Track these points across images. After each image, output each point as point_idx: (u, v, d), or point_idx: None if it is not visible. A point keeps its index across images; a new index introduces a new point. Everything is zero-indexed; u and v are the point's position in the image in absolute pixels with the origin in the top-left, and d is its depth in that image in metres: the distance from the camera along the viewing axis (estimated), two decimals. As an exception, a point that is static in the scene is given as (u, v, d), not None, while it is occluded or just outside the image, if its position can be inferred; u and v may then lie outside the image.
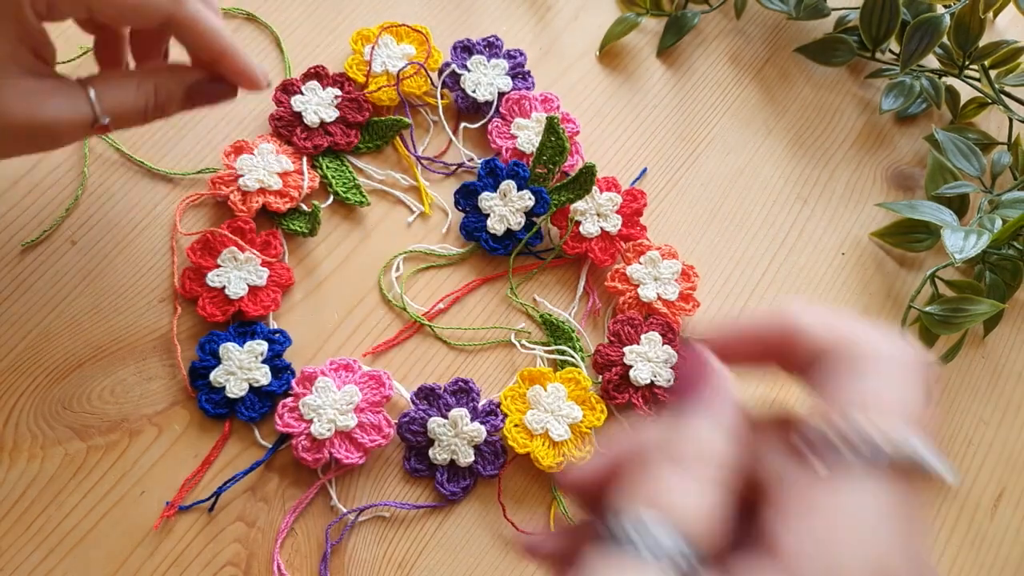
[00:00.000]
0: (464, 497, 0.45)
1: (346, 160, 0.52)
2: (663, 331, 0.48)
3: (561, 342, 0.49)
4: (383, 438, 0.44)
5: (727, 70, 0.59)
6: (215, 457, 0.44)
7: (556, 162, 0.50)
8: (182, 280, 0.46)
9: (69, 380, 0.44)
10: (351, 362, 0.46)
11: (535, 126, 0.53)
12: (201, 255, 0.47)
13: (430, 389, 0.46)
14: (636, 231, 0.51)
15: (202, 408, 0.44)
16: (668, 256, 0.50)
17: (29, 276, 0.46)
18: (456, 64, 0.54)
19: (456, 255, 0.51)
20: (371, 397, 0.44)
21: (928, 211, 0.52)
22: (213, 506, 0.43)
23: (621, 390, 0.47)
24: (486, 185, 0.50)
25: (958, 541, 0.48)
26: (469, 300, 0.50)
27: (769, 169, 0.57)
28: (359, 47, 0.54)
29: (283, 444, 0.44)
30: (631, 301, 0.50)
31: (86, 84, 0.37)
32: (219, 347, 0.45)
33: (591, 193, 0.51)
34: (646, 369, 0.47)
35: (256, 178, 0.48)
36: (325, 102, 0.52)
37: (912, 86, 0.57)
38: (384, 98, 0.53)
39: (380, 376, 0.45)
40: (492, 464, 0.45)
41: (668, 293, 0.49)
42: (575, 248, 0.50)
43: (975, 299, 0.48)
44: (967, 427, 0.51)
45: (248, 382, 0.44)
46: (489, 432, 0.45)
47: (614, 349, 0.48)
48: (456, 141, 0.53)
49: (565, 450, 0.45)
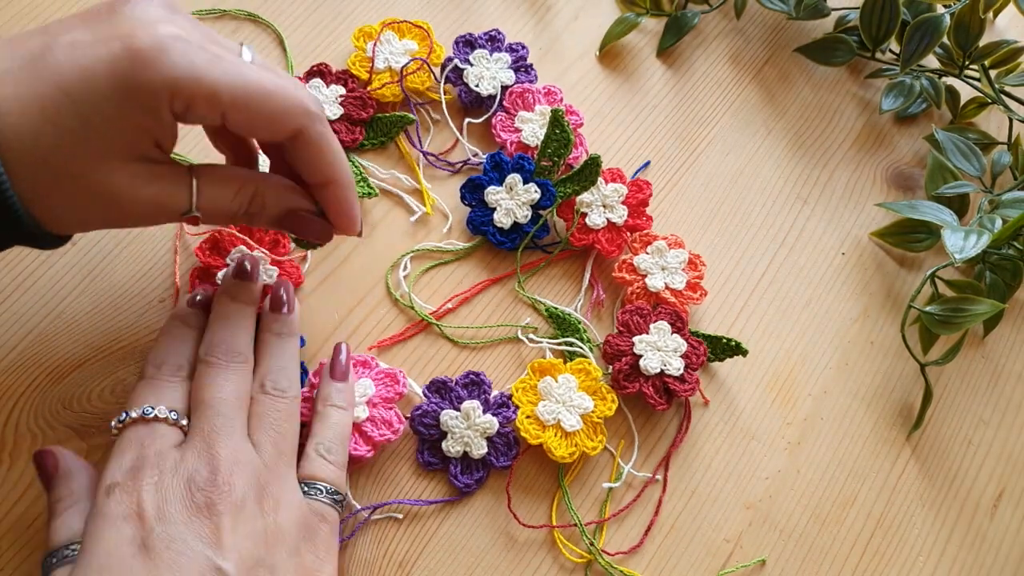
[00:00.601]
0: (478, 489, 0.45)
1: (351, 158, 0.52)
2: (672, 320, 0.48)
3: (568, 334, 0.49)
4: (393, 433, 0.44)
5: (727, 70, 0.59)
6: None
7: (561, 154, 0.50)
8: (191, 280, 0.46)
9: (69, 380, 0.44)
10: (368, 359, 0.46)
11: (539, 119, 0.53)
12: (210, 255, 0.47)
13: (442, 382, 0.46)
14: (642, 221, 0.51)
15: None
16: (675, 245, 0.51)
17: (29, 276, 0.46)
18: (459, 59, 0.54)
19: (463, 250, 0.51)
20: (384, 393, 0.45)
21: (928, 211, 0.52)
22: None
23: (631, 380, 0.47)
24: (492, 179, 0.50)
25: (958, 541, 0.48)
26: (475, 298, 0.50)
27: (769, 169, 0.57)
28: (361, 44, 0.54)
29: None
30: (639, 291, 0.50)
31: (192, 174, 0.36)
32: None
33: (596, 185, 0.51)
34: (656, 358, 0.47)
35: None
36: (329, 99, 0.52)
37: (912, 86, 0.57)
38: (388, 94, 0.53)
39: (395, 374, 0.45)
40: (505, 455, 0.45)
41: (676, 282, 0.50)
42: (582, 240, 0.50)
43: (975, 299, 0.48)
44: (967, 427, 0.51)
45: None
46: (501, 424, 0.45)
47: (623, 339, 0.48)
48: (461, 137, 0.53)
49: (577, 440, 0.45)
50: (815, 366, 0.51)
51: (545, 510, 0.45)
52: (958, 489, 0.49)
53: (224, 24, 0.54)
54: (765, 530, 0.47)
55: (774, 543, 0.47)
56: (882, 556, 0.47)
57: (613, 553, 0.45)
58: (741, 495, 0.47)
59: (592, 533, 0.45)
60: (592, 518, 0.45)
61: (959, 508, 0.49)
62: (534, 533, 0.44)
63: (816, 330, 0.52)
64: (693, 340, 0.48)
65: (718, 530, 0.46)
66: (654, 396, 0.46)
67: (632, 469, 0.47)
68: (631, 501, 0.46)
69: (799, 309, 0.53)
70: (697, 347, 0.48)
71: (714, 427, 0.49)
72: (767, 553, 0.46)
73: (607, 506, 0.46)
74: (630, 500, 0.46)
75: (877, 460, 0.49)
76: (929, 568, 0.47)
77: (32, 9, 0.53)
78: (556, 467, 0.46)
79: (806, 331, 0.52)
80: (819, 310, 0.53)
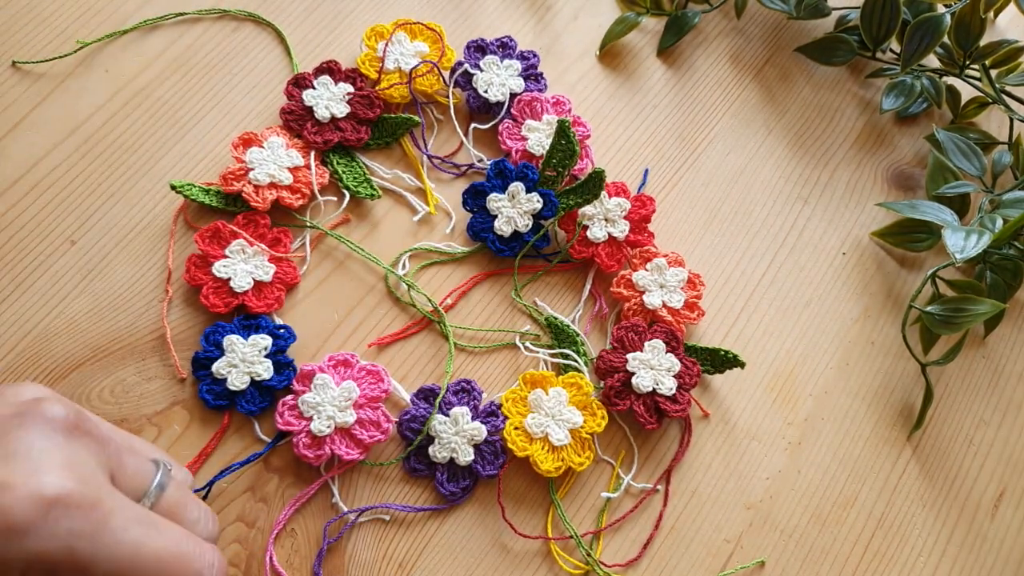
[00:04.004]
0: (464, 498, 0.45)
1: (356, 157, 0.52)
2: (667, 339, 0.48)
3: (565, 346, 0.49)
4: (382, 434, 0.44)
5: (727, 70, 0.59)
6: (213, 448, 0.44)
7: (566, 165, 0.50)
8: (187, 266, 0.46)
9: (69, 380, 0.44)
10: (349, 357, 0.46)
11: (546, 128, 0.53)
12: (209, 243, 0.47)
13: (430, 389, 0.46)
14: (644, 237, 0.51)
15: (203, 399, 0.44)
16: (675, 264, 0.50)
17: (29, 276, 0.46)
18: (469, 64, 0.54)
19: (462, 254, 0.51)
20: (369, 392, 0.45)
21: (929, 211, 0.52)
22: (207, 495, 0.43)
23: (623, 396, 0.46)
24: (495, 186, 0.50)
25: (958, 541, 0.48)
26: (474, 299, 0.50)
27: (769, 169, 0.56)
28: (372, 44, 0.54)
29: (282, 440, 0.44)
30: (636, 308, 0.49)
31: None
32: (223, 339, 0.45)
33: (600, 198, 0.50)
34: (648, 377, 0.47)
35: (267, 172, 0.48)
36: (337, 97, 0.51)
37: (913, 86, 0.57)
38: (396, 95, 0.53)
39: (378, 371, 0.45)
40: (492, 464, 0.45)
41: (673, 301, 0.49)
42: (582, 252, 0.50)
43: (976, 299, 0.48)
44: (967, 427, 0.51)
45: (250, 375, 0.44)
46: (489, 432, 0.45)
47: (617, 355, 0.47)
48: (466, 142, 0.53)
49: (564, 455, 0.45)
50: (816, 366, 0.51)
51: (542, 516, 0.45)
52: (959, 489, 0.49)
53: (224, 24, 0.54)
54: (766, 530, 0.47)
55: (775, 543, 0.46)
56: (883, 556, 0.47)
57: (611, 564, 0.44)
58: (742, 495, 0.47)
59: (589, 543, 0.45)
60: (590, 525, 0.45)
61: (960, 508, 0.49)
62: (531, 540, 0.44)
63: (817, 330, 0.52)
64: (687, 360, 0.48)
65: (719, 530, 0.46)
66: (644, 415, 0.46)
67: (631, 480, 0.46)
68: (629, 511, 0.46)
69: (800, 309, 0.53)
70: (691, 367, 0.47)
71: (714, 427, 0.49)
72: (768, 553, 0.46)
73: (604, 516, 0.46)
74: (628, 509, 0.46)
75: (878, 460, 0.49)
76: (929, 568, 0.47)
77: (32, 9, 0.53)
78: (548, 479, 0.46)
79: (807, 331, 0.52)
80: (820, 310, 0.53)
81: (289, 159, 0.49)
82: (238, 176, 0.48)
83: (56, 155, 0.49)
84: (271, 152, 0.49)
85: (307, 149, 0.51)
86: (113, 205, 0.48)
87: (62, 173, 0.49)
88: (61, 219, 0.48)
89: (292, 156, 0.49)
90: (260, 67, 0.53)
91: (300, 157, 0.50)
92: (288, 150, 0.49)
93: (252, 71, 0.53)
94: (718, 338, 0.51)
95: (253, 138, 0.50)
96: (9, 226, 0.47)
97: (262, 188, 0.48)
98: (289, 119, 0.51)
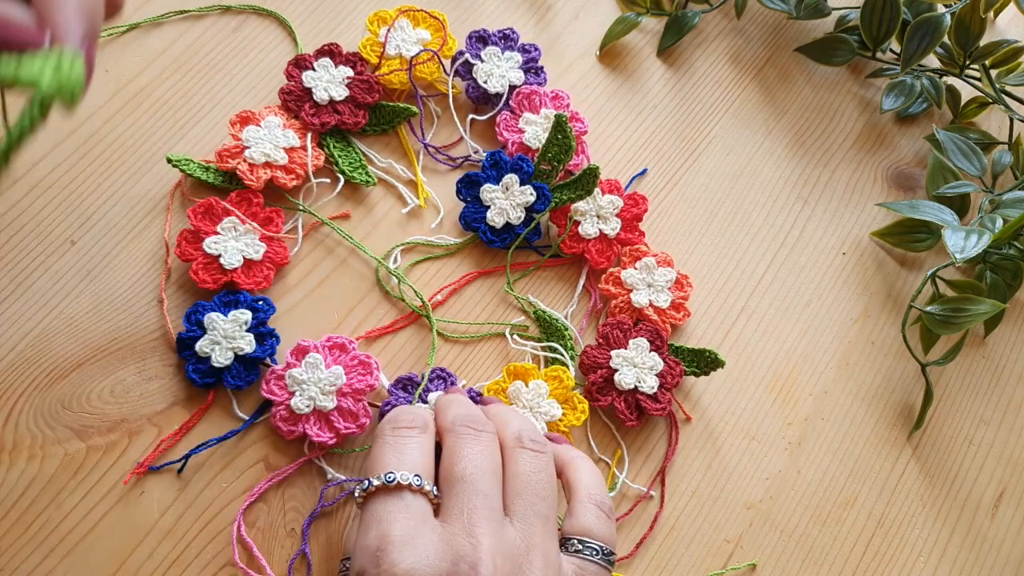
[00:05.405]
0: None
1: (354, 143, 0.52)
2: (651, 338, 0.48)
3: (553, 339, 0.49)
4: (358, 427, 0.44)
5: (727, 70, 0.59)
6: (195, 423, 0.44)
7: (561, 160, 0.50)
8: (178, 241, 0.46)
9: (69, 380, 0.44)
10: (347, 342, 0.46)
11: (543, 122, 0.53)
12: (201, 219, 0.47)
13: (408, 379, 0.46)
14: (634, 236, 0.51)
15: (189, 379, 0.44)
16: (664, 264, 0.50)
17: (29, 276, 0.46)
18: (470, 54, 0.54)
19: (454, 245, 0.51)
20: (355, 383, 0.44)
21: (929, 211, 0.52)
22: (183, 468, 0.43)
23: (604, 392, 0.47)
24: (489, 177, 0.50)
25: (958, 541, 0.48)
26: (466, 293, 0.50)
27: (769, 169, 0.56)
28: (375, 28, 0.54)
29: (262, 415, 0.45)
30: (622, 305, 0.49)
31: None
32: (204, 317, 0.45)
33: (593, 195, 0.50)
34: (631, 374, 0.47)
35: (262, 151, 0.48)
36: (336, 80, 0.51)
37: (913, 86, 0.57)
38: (395, 81, 0.53)
39: (369, 363, 0.45)
40: None
41: (660, 301, 0.49)
42: (572, 248, 0.50)
43: (976, 299, 0.48)
44: (967, 427, 0.51)
45: (233, 351, 0.44)
46: None
47: (601, 352, 0.48)
48: (463, 132, 0.53)
49: None
50: (816, 366, 0.51)
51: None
52: (959, 489, 0.49)
53: (226, 22, 0.54)
54: (766, 530, 0.47)
55: (775, 543, 0.46)
56: (882, 556, 0.47)
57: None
58: (741, 495, 0.47)
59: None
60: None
61: (960, 508, 0.49)
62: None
63: (817, 330, 0.52)
64: (671, 360, 0.48)
65: (719, 530, 0.46)
66: (624, 411, 0.46)
67: (627, 480, 0.47)
68: (625, 513, 0.46)
69: (800, 309, 0.53)
70: (673, 368, 0.48)
71: (714, 428, 0.49)
72: (768, 553, 0.46)
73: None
74: (626, 510, 0.46)
75: (878, 460, 0.49)
76: (929, 568, 0.47)
77: (32, 9, 0.53)
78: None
79: (807, 331, 0.52)
80: (820, 310, 0.53)
81: (285, 139, 0.49)
82: (233, 154, 0.48)
83: (56, 155, 0.49)
84: (267, 131, 0.49)
85: (304, 130, 0.51)
86: (113, 205, 0.48)
87: (62, 173, 0.49)
88: (61, 219, 0.48)
89: (288, 136, 0.49)
90: (261, 67, 0.53)
91: (296, 138, 0.50)
92: (284, 130, 0.50)
93: (253, 70, 0.53)
94: (718, 338, 0.51)
95: (250, 116, 0.50)
96: (9, 226, 0.47)
97: (257, 167, 0.48)
98: (287, 99, 0.51)
